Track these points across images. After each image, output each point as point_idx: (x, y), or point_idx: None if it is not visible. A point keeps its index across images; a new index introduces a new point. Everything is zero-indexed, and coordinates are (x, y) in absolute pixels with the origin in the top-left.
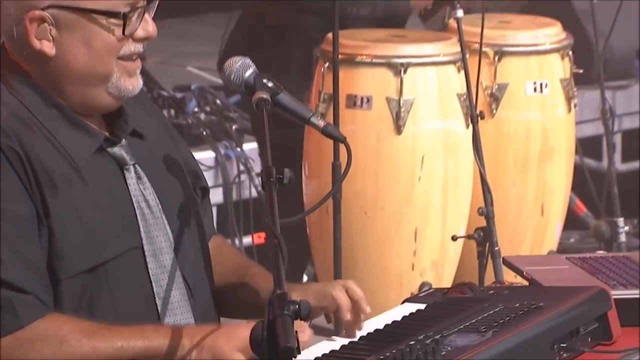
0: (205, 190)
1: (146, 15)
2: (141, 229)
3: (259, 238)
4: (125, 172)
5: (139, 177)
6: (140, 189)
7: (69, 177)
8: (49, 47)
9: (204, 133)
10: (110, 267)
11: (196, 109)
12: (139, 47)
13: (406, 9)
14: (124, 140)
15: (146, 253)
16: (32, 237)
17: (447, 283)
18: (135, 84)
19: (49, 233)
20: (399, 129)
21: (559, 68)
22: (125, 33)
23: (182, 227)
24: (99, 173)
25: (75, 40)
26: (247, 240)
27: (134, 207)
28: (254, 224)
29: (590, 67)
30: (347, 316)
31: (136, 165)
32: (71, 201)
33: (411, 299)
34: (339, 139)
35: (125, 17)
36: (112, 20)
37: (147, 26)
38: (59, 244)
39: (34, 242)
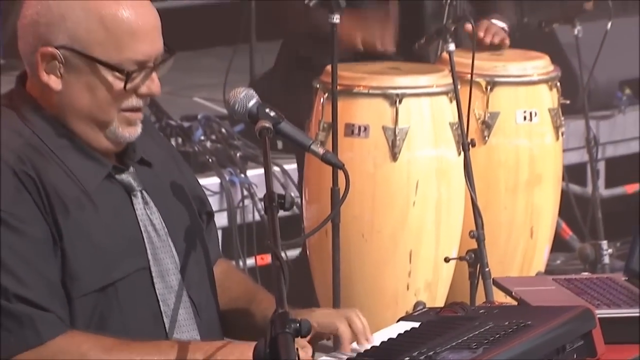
0: (210, 215)
1: (153, 75)
2: (148, 251)
3: (262, 260)
4: (132, 197)
5: (145, 203)
6: (147, 214)
7: (80, 201)
8: (55, 83)
9: (210, 160)
10: (120, 287)
11: (202, 137)
12: (140, 102)
13: None
14: (131, 167)
15: (153, 274)
16: (49, 257)
17: (440, 302)
18: (132, 132)
19: (62, 254)
20: (394, 156)
21: (547, 98)
22: (126, 89)
23: (188, 249)
24: (108, 198)
25: (80, 84)
26: (250, 261)
27: (141, 230)
28: (257, 246)
29: (576, 98)
30: (348, 349)
31: (143, 191)
32: (82, 224)
33: (406, 318)
34: (337, 166)
35: (128, 76)
36: (117, 74)
37: (151, 85)
38: (71, 264)
39: (51, 262)
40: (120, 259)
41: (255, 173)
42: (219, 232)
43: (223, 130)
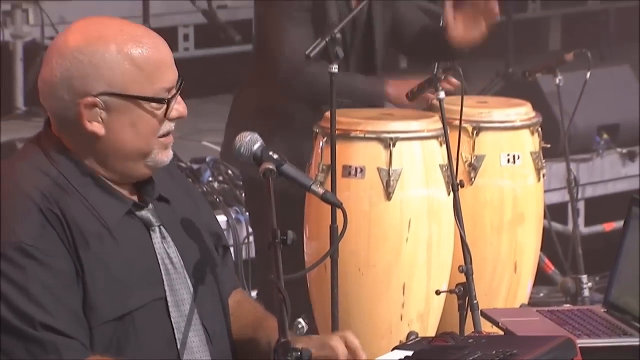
0: (226, 248)
1: (179, 98)
2: (165, 282)
3: None
4: (151, 232)
5: (163, 237)
6: (165, 248)
7: (101, 236)
8: (99, 128)
9: (217, 199)
10: (137, 316)
11: (210, 179)
12: (172, 125)
13: None
14: (150, 204)
15: (169, 303)
16: (72, 288)
17: (431, 332)
18: (169, 155)
19: (83, 285)
20: (388, 196)
21: (530, 142)
22: (167, 116)
23: (202, 281)
24: (128, 233)
25: (123, 123)
26: (254, 293)
27: (158, 263)
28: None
29: (557, 142)
30: None
31: (161, 226)
32: (102, 258)
33: (400, 347)
34: (336, 205)
35: (168, 103)
36: (154, 105)
37: (179, 107)
38: (91, 295)
39: (74, 292)
40: (137, 290)
41: None
42: None
43: (229, 172)
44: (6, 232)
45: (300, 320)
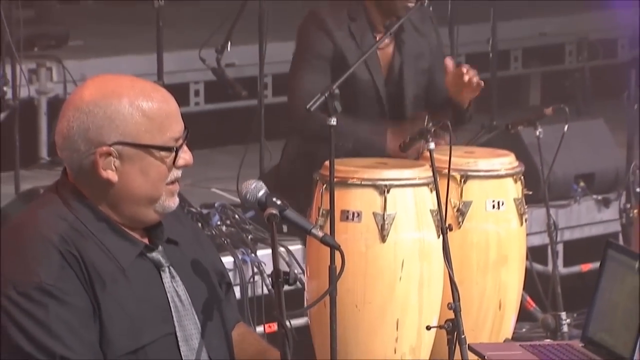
0: (229, 285)
1: (185, 147)
2: (174, 319)
3: (270, 328)
4: (161, 272)
5: (172, 277)
6: (174, 287)
7: (116, 276)
8: (112, 176)
9: (225, 242)
10: (149, 350)
11: (219, 223)
12: (179, 173)
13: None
14: (160, 246)
15: (179, 338)
16: (90, 324)
17: None
18: (175, 201)
19: (99, 322)
20: (383, 238)
21: (513, 190)
22: (175, 164)
23: (208, 317)
24: (140, 273)
25: (135, 170)
26: (259, 329)
27: (168, 301)
28: (265, 315)
29: (538, 189)
30: None
31: (170, 267)
32: (117, 297)
33: None
34: (334, 247)
35: (177, 151)
36: (164, 153)
37: (186, 156)
38: (107, 331)
39: (91, 328)
40: (149, 326)
41: (264, 253)
42: None
43: (236, 216)
44: (29, 272)
45: None
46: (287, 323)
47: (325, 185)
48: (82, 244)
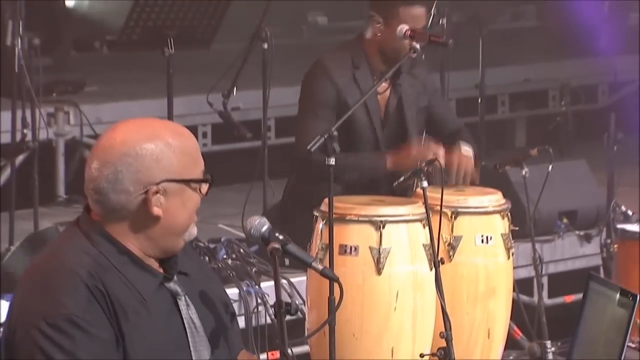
0: (233, 315)
1: None
2: (190, 345)
3: (273, 355)
4: (178, 301)
5: (188, 305)
6: (190, 314)
7: (138, 308)
8: (158, 212)
9: (231, 274)
10: None
11: (225, 256)
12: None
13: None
14: (175, 277)
15: None
16: (113, 354)
17: None
18: (195, 230)
19: (123, 351)
20: (379, 271)
21: (500, 225)
22: (203, 192)
23: (217, 343)
24: (160, 303)
25: (177, 204)
26: (263, 357)
27: (185, 328)
28: (268, 344)
29: (524, 225)
30: None
31: (185, 296)
32: (139, 327)
33: None
34: (333, 279)
35: (211, 181)
36: (199, 185)
37: (205, 187)
38: (131, 359)
39: (114, 357)
40: (169, 353)
41: (267, 285)
42: None
43: (241, 250)
44: (58, 305)
45: None
46: (289, 351)
47: (324, 221)
48: (106, 277)
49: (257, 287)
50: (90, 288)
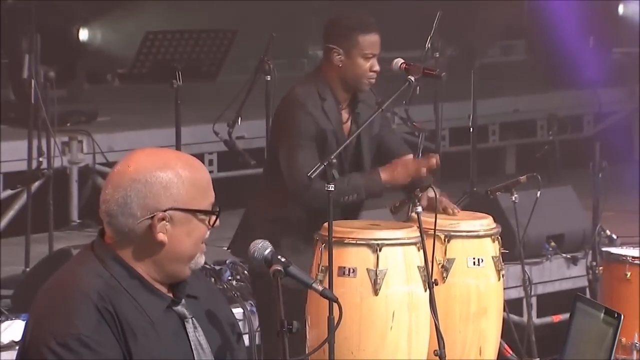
0: (240, 335)
1: None
2: None
3: None
4: (185, 323)
5: (195, 327)
6: (196, 336)
7: (146, 330)
8: (164, 238)
9: (235, 295)
10: None
11: (230, 277)
12: (208, 233)
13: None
14: (183, 300)
15: None
16: None
17: None
18: (203, 259)
19: None
20: (376, 292)
21: (491, 248)
22: (213, 225)
23: None
24: (167, 325)
25: (182, 232)
26: None
27: (192, 349)
28: None
29: (513, 248)
30: None
31: (193, 318)
32: (147, 348)
33: None
34: (332, 299)
35: (218, 214)
36: (205, 217)
37: (215, 221)
38: None
39: None
40: None
41: None
42: None
43: (245, 272)
44: (68, 325)
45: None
46: None
47: (324, 245)
48: (116, 300)
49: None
50: (100, 310)
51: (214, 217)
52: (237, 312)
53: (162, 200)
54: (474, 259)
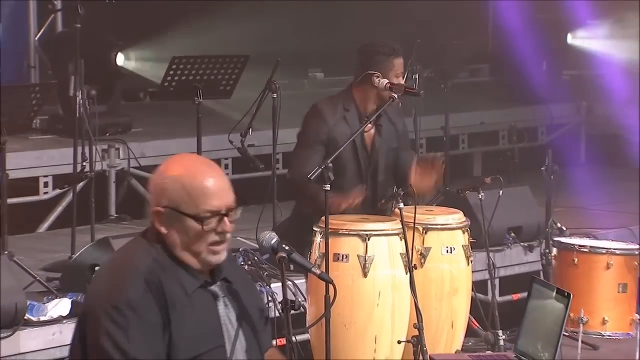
0: (267, 319)
1: (225, 219)
2: (225, 336)
3: (280, 342)
4: (217, 302)
5: (225, 305)
6: (226, 313)
7: (184, 301)
8: (163, 230)
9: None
10: (205, 357)
11: (242, 263)
12: (218, 238)
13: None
14: (218, 282)
15: (227, 350)
16: (158, 336)
17: None
18: (218, 258)
19: (170, 334)
20: (365, 274)
21: (461, 238)
22: (204, 230)
23: (250, 338)
24: (201, 301)
25: (177, 229)
26: (273, 342)
27: (220, 323)
28: (277, 332)
29: (480, 238)
30: None
31: (224, 298)
32: (184, 316)
33: None
34: (328, 281)
35: (202, 220)
36: (195, 222)
37: (224, 226)
38: (175, 341)
39: (159, 339)
40: (206, 340)
41: (276, 286)
42: None
43: (255, 258)
44: (121, 291)
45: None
46: (293, 338)
47: (321, 235)
48: (162, 275)
49: (268, 287)
50: (147, 282)
51: (211, 222)
52: None
53: (161, 199)
54: (447, 247)
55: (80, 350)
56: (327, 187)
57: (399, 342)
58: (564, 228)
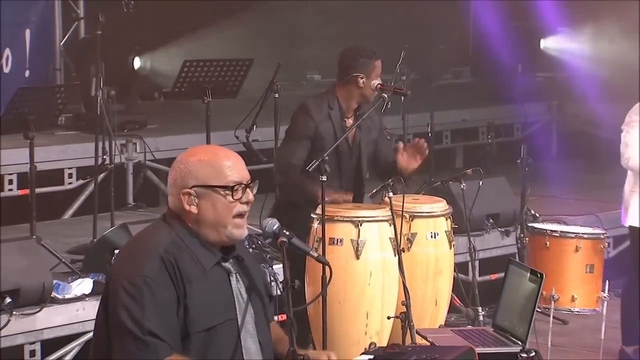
0: (271, 296)
1: (248, 190)
2: (237, 310)
3: (281, 317)
4: (230, 277)
5: (237, 281)
6: (238, 288)
7: (199, 277)
8: (194, 209)
9: None
10: (219, 329)
11: (247, 246)
12: (244, 208)
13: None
14: (231, 259)
15: (238, 323)
16: (172, 311)
17: (384, 343)
18: (242, 232)
19: (185, 308)
20: (358, 257)
21: (445, 225)
22: (233, 198)
23: (259, 312)
24: (216, 276)
25: (207, 204)
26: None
27: (233, 297)
28: (278, 309)
29: (462, 224)
30: None
31: (237, 274)
32: (199, 290)
33: (365, 353)
34: (324, 263)
35: (232, 189)
36: (226, 192)
37: (248, 195)
38: (191, 314)
39: (172, 314)
40: (219, 313)
41: (277, 267)
42: None
43: (259, 242)
44: (138, 268)
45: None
46: (292, 314)
47: (318, 221)
48: (179, 254)
49: (270, 268)
50: (164, 260)
51: (237, 191)
52: None
53: (188, 180)
54: (431, 232)
55: (103, 323)
56: (324, 178)
57: (388, 317)
58: (537, 215)
